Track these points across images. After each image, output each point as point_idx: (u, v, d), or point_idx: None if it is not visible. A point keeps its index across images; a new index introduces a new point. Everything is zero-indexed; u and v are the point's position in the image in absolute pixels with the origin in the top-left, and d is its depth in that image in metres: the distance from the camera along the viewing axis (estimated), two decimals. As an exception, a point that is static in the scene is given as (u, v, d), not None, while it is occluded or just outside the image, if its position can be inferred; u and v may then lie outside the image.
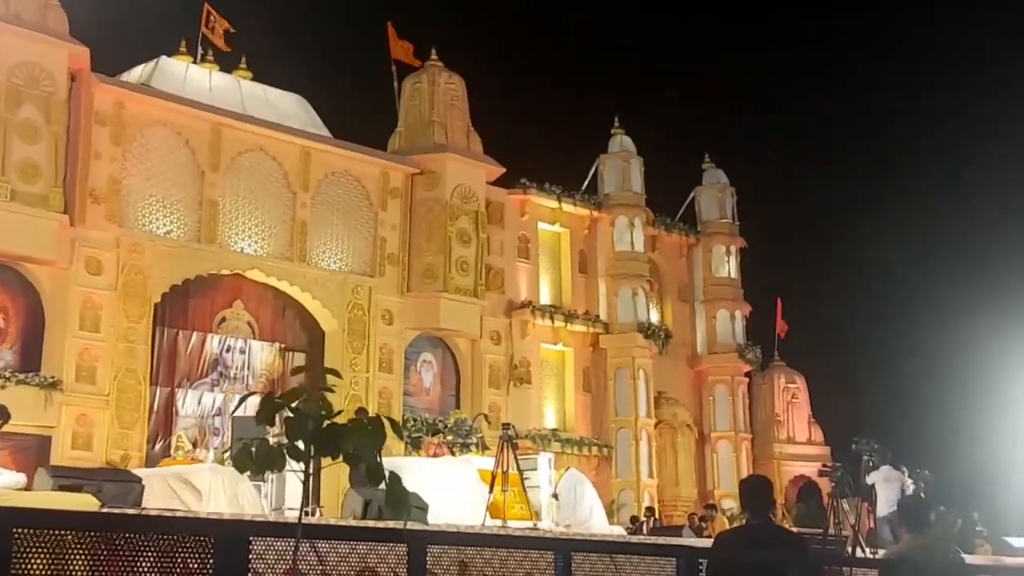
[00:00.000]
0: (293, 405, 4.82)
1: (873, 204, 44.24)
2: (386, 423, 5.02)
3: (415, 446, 23.89)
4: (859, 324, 39.98)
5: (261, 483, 17.28)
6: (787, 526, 22.00)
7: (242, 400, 22.82)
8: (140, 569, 4.83)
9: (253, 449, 4.84)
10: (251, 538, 4.96)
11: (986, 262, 37.31)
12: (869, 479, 19.48)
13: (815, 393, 37.18)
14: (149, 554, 4.83)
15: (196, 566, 4.92)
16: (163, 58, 27.46)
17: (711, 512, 26.68)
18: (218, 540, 4.85)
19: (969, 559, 11.65)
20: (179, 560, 4.90)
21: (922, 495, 19.55)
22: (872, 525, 20.00)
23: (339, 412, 4.96)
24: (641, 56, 49.86)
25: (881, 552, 12.82)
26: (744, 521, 7.23)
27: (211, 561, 4.79)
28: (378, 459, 4.96)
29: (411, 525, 5.17)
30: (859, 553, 15.28)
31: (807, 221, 43.57)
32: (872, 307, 39.82)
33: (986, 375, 31.41)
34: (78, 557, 4.60)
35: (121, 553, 4.78)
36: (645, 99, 42.70)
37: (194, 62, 28.08)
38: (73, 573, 4.55)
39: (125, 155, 24.44)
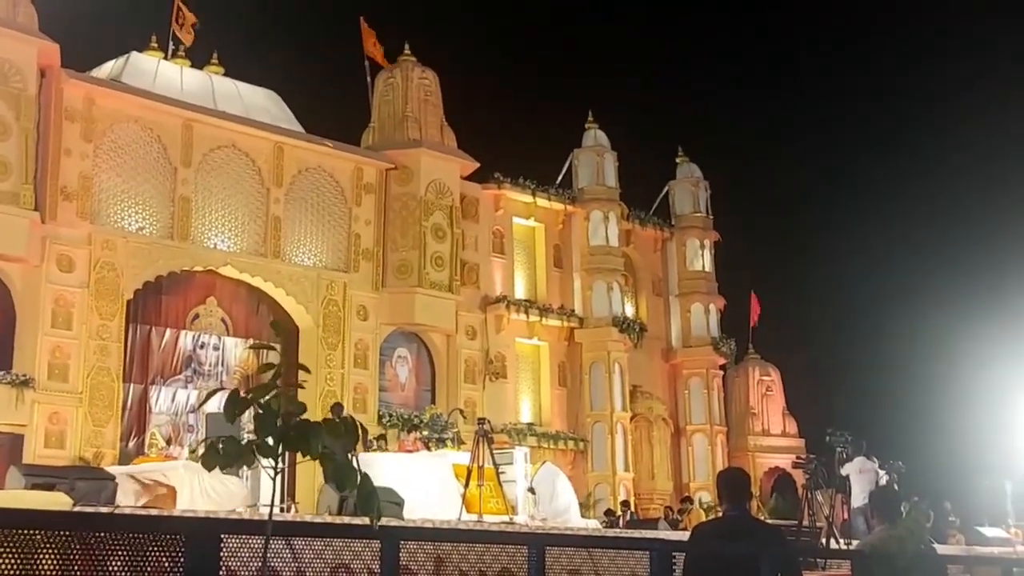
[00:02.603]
0: (262, 401, 4.79)
1: (847, 199, 44.49)
2: (359, 426, 5.00)
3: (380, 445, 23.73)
4: (833, 317, 40.24)
5: (235, 477, 17.25)
6: (762, 518, 22.13)
7: (208, 396, 22.73)
8: (111, 568, 4.79)
9: (221, 447, 4.81)
10: (222, 535, 4.94)
11: (958, 258, 37.63)
12: (843, 470, 19.61)
13: (789, 386, 37.39)
14: (120, 553, 4.80)
15: (168, 564, 4.89)
16: (133, 54, 27.30)
17: (687, 505, 26.77)
18: (189, 538, 4.82)
19: (942, 549, 11.73)
20: (151, 559, 4.86)
21: (895, 486, 19.66)
22: (846, 516, 20.12)
23: (304, 410, 4.95)
24: (614, 51, 49.96)
25: (855, 543, 12.90)
26: (720, 513, 7.25)
27: (182, 559, 4.76)
28: (351, 460, 4.93)
29: (386, 521, 5.15)
30: (833, 544, 15.38)
31: (781, 215, 43.84)
32: (846, 300, 40.07)
33: (958, 368, 31.67)
34: (47, 556, 4.56)
35: (92, 552, 4.74)
36: (619, 93, 42.80)
37: (165, 58, 27.94)
38: (42, 573, 4.52)
39: (96, 151, 24.28)
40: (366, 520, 4.79)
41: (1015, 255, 33.77)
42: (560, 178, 33.97)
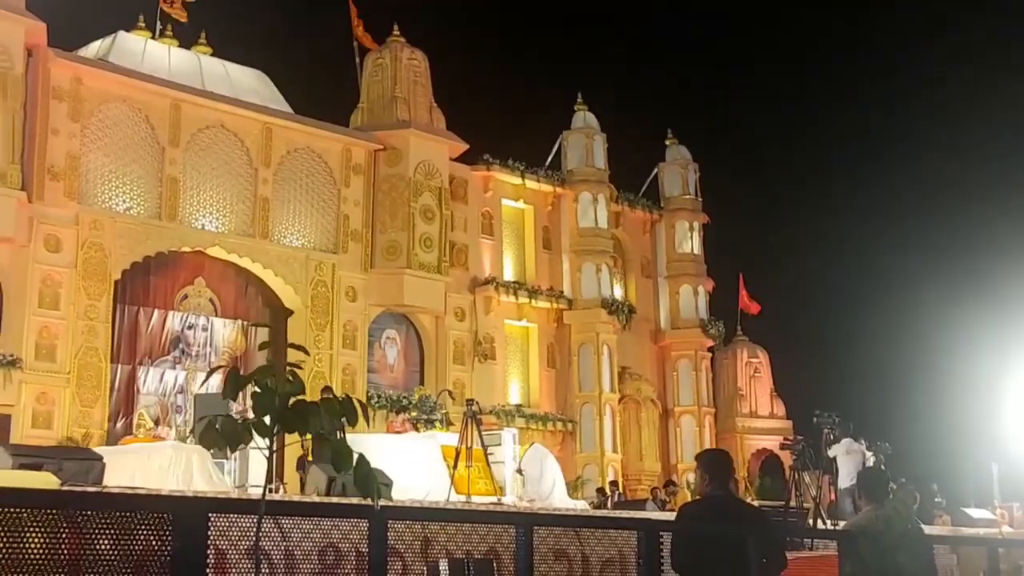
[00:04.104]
0: (261, 381, 4.80)
1: (836, 181, 44.55)
2: (357, 403, 5.00)
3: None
4: (821, 299, 40.32)
5: (224, 460, 17.25)
6: (750, 499, 22.22)
7: (209, 375, 22.80)
8: (100, 548, 4.79)
9: (218, 426, 4.82)
10: (211, 515, 4.94)
11: (947, 241, 37.71)
12: (830, 452, 19.68)
13: (777, 367, 37.49)
14: (108, 532, 4.79)
15: (156, 544, 4.88)
16: (121, 33, 27.14)
17: (673, 487, 26.90)
18: (177, 517, 4.82)
19: (928, 530, 11.80)
20: (140, 538, 4.86)
21: (882, 467, 19.75)
22: (833, 497, 20.22)
23: (303, 389, 4.96)
24: (604, 33, 49.86)
25: (842, 523, 12.95)
26: (701, 494, 7.28)
27: (170, 538, 4.76)
28: (346, 441, 4.94)
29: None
30: (820, 525, 15.45)
31: (770, 197, 43.87)
32: (834, 282, 40.15)
33: (946, 351, 31.78)
34: (35, 536, 4.55)
35: (80, 532, 4.74)
36: (608, 76, 42.75)
37: (152, 37, 27.79)
38: (30, 552, 4.51)
39: (83, 131, 24.18)
40: (355, 501, 4.80)
41: (1003, 238, 33.89)
42: (549, 160, 33.94)
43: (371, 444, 16.81)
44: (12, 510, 4.48)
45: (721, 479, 7.22)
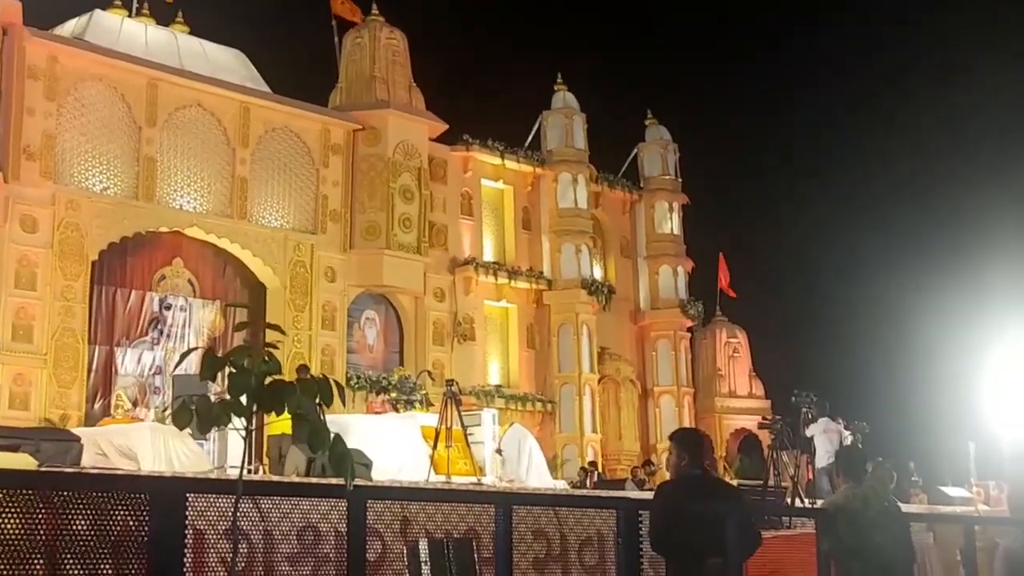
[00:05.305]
0: (238, 361, 4.78)
1: (814, 161, 44.61)
2: (333, 383, 4.99)
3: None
4: (799, 279, 40.43)
5: (203, 442, 17.22)
6: (729, 479, 22.33)
7: (183, 356, 22.73)
8: (76, 528, 4.77)
9: (193, 406, 4.80)
10: (188, 496, 4.92)
11: (924, 221, 37.84)
12: (808, 431, 19.80)
13: (756, 347, 37.63)
14: (85, 513, 4.77)
15: (134, 524, 4.87)
16: (97, 11, 26.89)
17: (651, 467, 27.02)
18: (154, 498, 4.81)
19: (905, 508, 11.87)
20: (117, 519, 4.84)
21: (859, 446, 19.88)
22: (811, 476, 20.36)
23: (279, 369, 4.94)
24: (583, 12, 49.72)
25: (819, 502, 13.03)
26: (677, 472, 7.30)
27: (147, 519, 4.75)
28: (323, 421, 4.94)
29: (355, 482, 5.16)
30: (798, 503, 15.55)
31: (749, 178, 43.95)
32: (812, 262, 40.23)
33: (922, 330, 31.94)
34: (11, 518, 4.53)
35: (57, 512, 4.72)
36: (588, 55, 42.63)
37: (129, 15, 27.56)
38: (7, 532, 4.49)
39: (60, 110, 23.98)
40: (334, 481, 4.80)
41: (980, 217, 34.04)
42: (529, 140, 33.88)
43: (351, 425, 16.81)
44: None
45: (697, 458, 7.26)
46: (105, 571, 4.76)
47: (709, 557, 6.81)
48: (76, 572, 4.69)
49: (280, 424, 14.51)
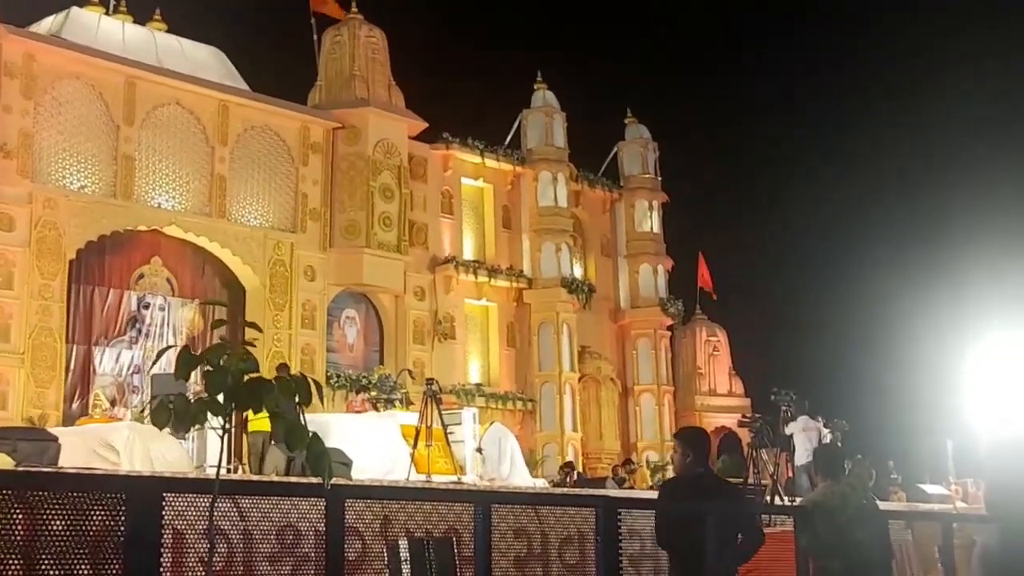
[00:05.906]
0: (214, 359, 4.75)
1: (794, 160, 44.72)
2: (312, 384, 4.97)
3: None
4: (779, 278, 40.55)
5: (183, 441, 17.14)
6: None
7: (159, 355, 22.62)
8: (53, 528, 4.74)
9: (171, 405, 4.77)
10: (165, 495, 4.89)
11: (902, 220, 38.03)
12: (787, 429, 19.85)
13: (736, 346, 37.73)
14: (62, 513, 4.74)
15: (111, 524, 4.84)
16: (74, 9, 26.75)
17: (631, 466, 27.06)
18: (131, 497, 4.77)
19: (883, 505, 11.92)
20: (94, 519, 4.81)
21: (839, 444, 19.95)
22: (790, 474, 20.40)
23: (256, 367, 4.91)
24: (563, 11, 49.73)
25: (798, 500, 13.06)
26: (681, 471, 7.32)
27: (124, 519, 4.71)
28: (301, 420, 4.91)
29: (335, 481, 5.14)
30: (777, 501, 15.59)
31: (729, 176, 44.04)
32: (792, 261, 40.39)
33: (901, 328, 32.09)
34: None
35: (34, 512, 4.68)
36: (568, 54, 42.64)
37: (106, 13, 27.42)
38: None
39: (37, 109, 23.83)
40: (313, 480, 4.77)
41: (959, 216, 34.22)
42: (509, 139, 33.87)
43: (331, 424, 16.79)
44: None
45: (701, 456, 7.30)
46: (82, 571, 4.73)
47: (712, 555, 6.81)
48: (53, 572, 4.66)
49: (260, 422, 14.45)
